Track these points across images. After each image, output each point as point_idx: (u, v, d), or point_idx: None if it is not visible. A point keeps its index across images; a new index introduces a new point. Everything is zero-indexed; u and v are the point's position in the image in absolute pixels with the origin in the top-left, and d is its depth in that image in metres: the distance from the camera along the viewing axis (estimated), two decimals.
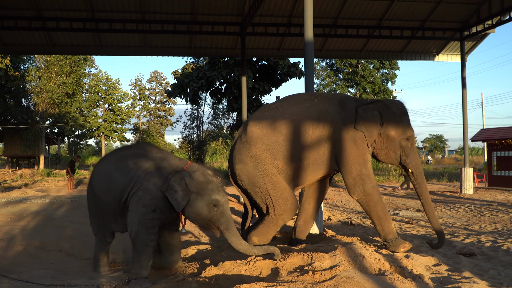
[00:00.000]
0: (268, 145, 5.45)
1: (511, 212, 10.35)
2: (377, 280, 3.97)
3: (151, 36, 16.13)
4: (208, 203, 4.18)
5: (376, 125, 5.56)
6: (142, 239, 4.18)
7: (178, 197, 4.15)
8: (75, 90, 42.36)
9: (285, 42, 17.23)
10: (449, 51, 18.45)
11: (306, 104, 5.64)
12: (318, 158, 5.49)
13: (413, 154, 5.70)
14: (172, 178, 4.18)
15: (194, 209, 4.20)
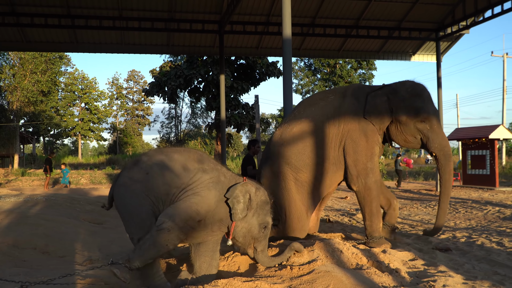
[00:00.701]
0: (287, 157, 5.50)
1: (485, 209, 10.55)
2: (355, 274, 3.99)
3: (128, 34, 15.94)
4: (261, 223, 4.14)
5: (385, 112, 5.40)
6: (169, 237, 3.83)
7: (239, 208, 4.00)
8: (50, 89, 41.66)
9: (264, 40, 17.23)
10: (425, 51, 18.71)
11: (321, 104, 5.63)
12: (337, 157, 5.47)
13: (434, 136, 5.35)
14: (239, 187, 4.03)
15: (248, 225, 4.09)
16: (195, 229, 3.96)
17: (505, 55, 34.44)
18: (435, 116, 5.35)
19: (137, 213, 3.95)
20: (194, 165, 4.09)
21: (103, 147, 71.70)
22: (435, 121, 5.33)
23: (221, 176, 4.12)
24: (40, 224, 6.57)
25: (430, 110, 5.33)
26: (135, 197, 3.96)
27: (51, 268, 4.90)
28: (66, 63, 48.63)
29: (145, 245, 3.81)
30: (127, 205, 4.02)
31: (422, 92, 5.43)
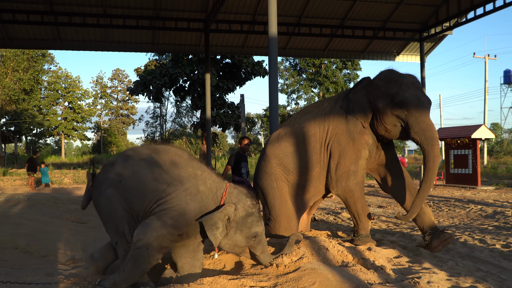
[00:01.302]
0: (281, 158, 5.55)
1: (467, 207, 10.67)
2: (340, 271, 4.00)
3: (112, 31, 15.83)
4: (246, 236, 3.92)
5: (366, 104, 5.26)
6: (149, 255, 3.67)
7: (218, 233, 3.77)
8: (33, 87, 41.14)
9: (249, 39, 17.24)
10: (409, 52, 18.90)
11: (315, 111, 5.64)
12: (326, 161, 5.45)
13: (412, 120, 4.98)
14: (217, 214, 3.76)
15: (232, 242, 3.90)
16: (177, 241, 3.85)
17: (487, 57, 34.92)
18: (414, 100, 5.00)
19: (112, 218, 3.86)
20: (170, 172, 3.84)
21: (86, 146, 71.01)
22: (413, 105, 4.99)
23: (200, 185, 3.86)
24: (22, 224, 6.45)
25: (407, 95, 5.00)
26: (109, 202, 3.84)
27: (33, 267, 4.82)
28: (49, 61, 48.02)
29: (127, 267, 3.68)
30: (102, 208, 3.93)
31: (398, 78, 5.15)
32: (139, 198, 3.79)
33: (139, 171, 3.85)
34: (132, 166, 3.90)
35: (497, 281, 4.32)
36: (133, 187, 3.81)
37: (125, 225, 3.81)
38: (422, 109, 5.01)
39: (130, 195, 3.81)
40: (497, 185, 17.34)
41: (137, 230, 3.69)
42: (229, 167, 7.45)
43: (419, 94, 5.08)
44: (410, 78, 5.17)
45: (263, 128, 56.14)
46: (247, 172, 7.56)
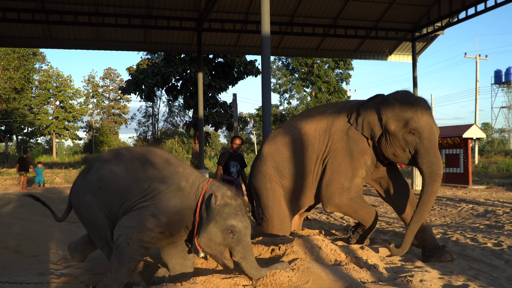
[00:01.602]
0: (277, 162, 5.48)
1: (459, 206, 10.74)
2: (333, 270, 4.00)
3: (104, 30, 15.74)
4: (222, 229, 3.65)
5: (376, 122, 5.04)
6: (131, 250, 3.60)
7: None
8: (24, 86, 40.84)
9: (242, 39, 17.23)
10: (401, 51, 18.97)
11: (317, 118, 5.47)
12: (320, 173, 5.36)
13: (423, 150, 4.82)
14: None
15: (208, 235, 3.67)
16: (160, 239, 3.78)
17: (478, 57, 35.17)
18: (427, 129, 4.82)
19: (93, 225, 3.84)
20: (150, 172, 3.81)
21: (78, 146, 70.56)
22: (426, 134, 4.81)
23: (182, 182, 3.81)
24: (13, 223, 6.42)
25: (422, 122, 4.82)
26: (89, 209, 3.80)
27: (25, 267, 4.79)
28: (41, 60, 47.70)
29: (113, 266, 3.63)
30: (83, 215, 3.89)
31: (414, 102, 4.95)
32: (120, 200, 3.76)
33: (118, 174, 3.82)
34: (110, 170, 3.86)
35: (489, 279, 4.34)
36: (113, 190, 3.78)
37: (107, 231, 3.80)
38: (433, 140, 4.88)
39: (110, 199, 3.77)
40: (488, 184, 17.47)
41: (116, 228, 3.67)
42: (220, 167, 7.43)
43: (432, 123, 4.92)
44: (424, 104, 4.98)
45: (255, 128, 56.15)
46: (238, 172, 7.52)
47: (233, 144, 7.58)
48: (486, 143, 47.69)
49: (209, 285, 3.57)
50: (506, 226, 7.49)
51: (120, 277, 3.62)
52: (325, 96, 36.84)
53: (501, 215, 9.00)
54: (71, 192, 4.02)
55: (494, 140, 52.01)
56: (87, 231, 4.04)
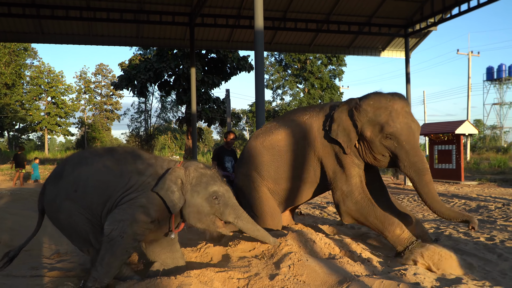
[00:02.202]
0: (256, 165, 5.42)
1: (452, 201, 10.79)
2: (328, 263, 4.00)
3: (96, 25, 15.61)
4: (206, 197, 3.74)
5: (350, 128, 4.87)
6: (125, 243, 3.57)
7: (175, 198, 3.68)
8: (15, 82, 40.52)
9: (235, 34, 17.18)
10: (394, 47, 19.02)
11: (298, 120, 5.33)
12: (310, 178, 5.24)
13: (402, 153, 4.65)
14: (168, 177, 3.71)
15: (194, 208, 3.73)
16: (150, 229, 3.76)
17: (470, 53, 35.32)
18: (404, 131, 4.63)
19: (75, 230, 3.76)
20: (126, 167, 3.80)
21: (70, 142, 70.22)
22: (404, 137, 4.62)
23: (158, 170, 3.85)
24: (5, 218, 6.37)
25: (398, 125, 4.62)
26: (68, 215, 3.72)
27: (18, 262, 4.74)
28: (32, 55, 47.32)
29: (105, 260, 3.56)
30: (62, 223, 3.80)
31: (388, 105, 4.72)
32: (101, 199, 3.72)
33: (95, 175, 3.76)
34: (85, 172, 3.77)
35: (482, 273, 4.36)
36: (91, 191, 3.72)
37: (90, 235, 3.74)
38: (413, 141, 4.71)
39: (89, 201, 3.72)
40: (480, 180, 17.59)
41: (108, 222, 3.61)
42: (214, 163, 7.40)
43: (410, 122, 4.72)
44: (400, 103, 4.75)
45: (248, 124, 56.13)
46: (233, 167, 7.51)
47: (227, 139, 7.55)
48: (478, 140, 48.02)
49: (203, 279, 3.56)
50: (498, 221, 7.54)
51: (112, 269, 3.59)
52: (318, 92, 36.86)
53: (493, 210, 9.06)
54: (44, 202, 3.90)
55: (486, 136, 52.38)
56: (68, 238, 3.92)
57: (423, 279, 3.91)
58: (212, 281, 3.55)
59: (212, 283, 3.52)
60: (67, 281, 3.82)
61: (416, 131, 4.74)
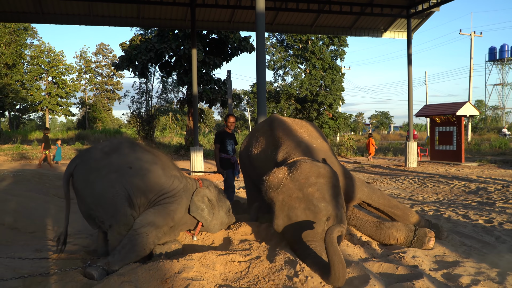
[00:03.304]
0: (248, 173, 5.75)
1: (451, 183, 10.85)
2: None
3: (96, 5, 15.47)
4: (226, 211, 4.47)
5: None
6: (147, 240, 3.82)
7: (206, 214, 4.25)
8: (15, 61, 40.33)
9: (236, 14, 17.03)
10: (396, 28, 18.85)
11: (262, 145, 5.30)
12: None
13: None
14: (196, 198, 4.22)
15: (219, 220, 4.38)
16: (166, 233, 4.06)
17: (473, 34, 35.03)
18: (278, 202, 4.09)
19: (111, 201, 3.79)
20: (171, 171, 4.18)
21: (71, 122, 70.26)
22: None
23: (188, 184, 4.29)
24: (8, 200, 6.39)
25: (268, 196, 4.18)
26: (111, 186, 3.79)
27: (22, 244, 4.81)
28: (32, 35, 46.99)
29: (125, 250, 3.71)
30: (99, 191, 3.81)
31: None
32: (147, 188, 3.93)
33: (149, 164, 4.04)
34: (141, 158, 4.04)
35: (480, 255, 4.43)
36: (143, 177, 3.94)
37: (127, 209, 3.81)
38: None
39: (137, 184, 3.88)
40: (480, 162, 17.63)
41: (141, 217, 3.87)
42: (218, 146, 7.45)
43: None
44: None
45: (249, 105, 55.99)
46: (233, 150, 7.57)
47: (227, 123, 7.58)
48: (479, 121, 47.95)
49: (205, 261, 3.63)
50: (497, 203, 7.61)
51: (126, 260, 3.70)
52: (320, 73, 36.64)
53: (492, 192, 9.12)
54: (84, 168, 3.91)
55: (487, 117, 52.29)
56: (95, 209, 3.86)
57: (421, 262, 3.98)
58: (214, 264, 3.61)
59: (214, 266, 3.58)
60: (71, 264, 3.89)
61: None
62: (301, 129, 5.26)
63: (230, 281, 3.43)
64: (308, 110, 36.30)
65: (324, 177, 3.94)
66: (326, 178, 3.95)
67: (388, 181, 11.79)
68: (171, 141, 33.82)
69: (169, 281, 3.28)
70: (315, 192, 3.85)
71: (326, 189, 3.91)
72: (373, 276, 3.45)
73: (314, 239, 3.73)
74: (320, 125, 35.27)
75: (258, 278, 3.43)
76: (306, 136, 5.08)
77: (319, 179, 3.92)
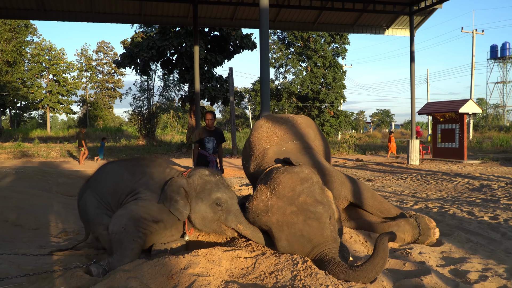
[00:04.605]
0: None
1: (455, 180, 10.81)
2: None
3: (98, 2, 15.45)
4: (210, 204, 3.86)
5: None
6: (129, 233, 3.71)
7: (180, 206, 3.83)
8: (16, 59, 40.30)
9: (238, 11, 17.00)
10: (398, 26, 18.81)
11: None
12: None
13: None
14: (169, 188, 3.87)
15: (199, 215, 3.88)
16: (155, 229, 3.89)
17: (475, 31, 34.96)
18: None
19: (88, 213, 4.07)
20: (141, 170, 4.07)
21: (72, 120, 70.29)
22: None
23: (167, 177, 4.05)
24: (11, 197, 6.39)
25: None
26: (87, 200, 4.09)
27: (25, 240, 4.80)
28: (32, 32, 46.97)
29: (118, 251, 3.71)
30: (81, 209, 4.18)
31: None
32: (115, 193, 3.98)
33: (113, 172, 4.13)
34: (107, 171, 4.19)
35: (487, 251, 4.40)
36: (109, 184, 4.04)
37: (104, 216, 3.96)
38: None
39: (106, 191, 4.02)
40: (482, 159, 17.60)
41: (112, 219, 3.85)
42: (196, 145, 7.28)
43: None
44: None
45: (250, 102, 55.94)
46: (214, 148, 7.29)
47: (205, 120, 7.35)
48: (480, 119, 47.91)
49: (211, 258, 3.60)
50: (502, 200, 7.58)
51: (125, 258, 3.66)
52: (321, 70, 36.61)
53: (496, 189, 9.09)
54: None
55: (488, 115, 52.22)
56: (86, 225, 4.21)
57: (428, 258, 3.95)
58: (220, 260, 3.58)
59: (220, 262, 3.55)
60: (75, 260, 3.86)
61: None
62: (275, 132, 5.03)
63: (236, 277, 3.40)
64: (309, 108, 36.27)
65: (307, 181, 3.75)
66: (309, 181, 3.76)
67: (391, 179, 11.76)
68: (172, 139, 33.80)
69: (175, 277, 3.26)
70: (307, 199, 3.66)
71: (314, 190, 3.74)
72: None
73: (326, 243, 3.56)
74: (322, 123, 35.23)
75: (264, 274, 3.40)
76: (277, 140, 4.88)
77: (304, 184, 3.73)
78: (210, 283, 3.14)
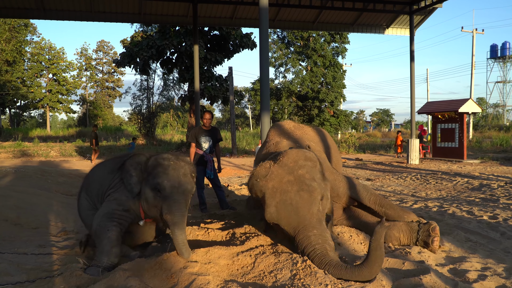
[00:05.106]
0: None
1: (454, 180, 10.81)
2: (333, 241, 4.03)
3: (98, 1, 15.44)
4: (151, 187, 3.66)
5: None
6: (104, 228, 3.69)
7: (132, 182, 3.76)
8: (15, 58, 40.27)
9: (238, 11, 16.99)
10: (398, 25, 18.80)
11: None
12: None
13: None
14: (128, 161, 3.82)
15: (144, 196, 3.74)
16: (129, 217, 3.88)
17: (475, 31, 34.95)
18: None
19: (82, 212, 4.34)
20: (118, 166, 4.04)
21: (72, 119, 70.25)
22: None
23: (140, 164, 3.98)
24: (11, 196, 6.39)
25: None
26: (80, 200, 4.36)
27: (25, 239, 4.79)
28: (32, 31, 46.93)
29: (98, 244, 3.74)
30: (78, 209, 4.39)
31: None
32: (99, 192, 4.10)
33: (98, 172, 4.28)
34: (95, 171, 4.36)
35: (486, 250, 4.40)
36: (96, 184, 4.17)
37: (87, 211, 4.21)
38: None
39: (95, 192, 4.14)
40: (482, 159, 17.60)
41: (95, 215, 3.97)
42: (193, 144, 7.24)
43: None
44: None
45: (250, 102, 55.92)
46: (211, 147, 7.22)
47: (203, 119, 7.25)
48: (480, 118, 47.89)
49: (211, 257, 3.60)
50: (501, 200, 7.58)
51: (105, 247, 3.65)
52: (321, 70, 36.60)
53: (495, 188, 9.09)
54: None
55: (488, 115, 52.20)
56: (83, 222, 4.44)
57: (427, 257, 3.95)
58: (219, 259, 3.59)
59: (219, 261, 3.56)
60: (75, 259, 3.86)
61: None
62: (297, 130, 5.36)
63: (235, 276, 3.41)
64: (309, 108, 36.27)
65: (311, 160, 3.92)
66: (313, 162, 3.93)
67: (390, 178, 11.76)
68: (172, 139, 33.80)
69: (175, 276, 3.26)
70: (305, 174, 3.79)
71: (315, 171, 3.89)
72: (380, 271, 3.42)
73: (312, 222, 3.58)
74: (321, 122, 35.23)
75: (263, 273, 3.40)
76: (294, 137, 5.09)
77: (307, 162, 3.90)
78: (210, 282, 3.14)
